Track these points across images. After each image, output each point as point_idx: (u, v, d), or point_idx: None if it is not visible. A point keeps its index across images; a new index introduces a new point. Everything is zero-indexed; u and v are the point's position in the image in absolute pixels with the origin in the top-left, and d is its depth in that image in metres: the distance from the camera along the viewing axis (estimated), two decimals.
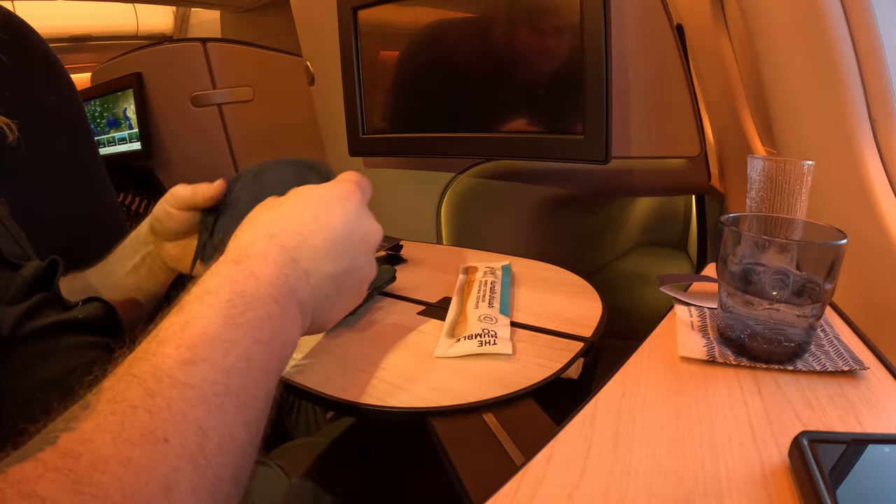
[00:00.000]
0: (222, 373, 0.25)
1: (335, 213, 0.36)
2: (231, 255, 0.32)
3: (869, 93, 0.46)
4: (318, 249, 0.34)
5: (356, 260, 0.37)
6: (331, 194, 0.37)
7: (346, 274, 0.36)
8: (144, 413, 0.22)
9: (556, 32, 0.68)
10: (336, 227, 0.35)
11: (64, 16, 1.90)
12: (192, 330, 0.26)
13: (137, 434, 0.21)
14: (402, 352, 0.45)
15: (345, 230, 0.36)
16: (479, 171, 0.93)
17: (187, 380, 0.24)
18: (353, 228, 0.36)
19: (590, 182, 0.88)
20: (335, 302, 0.36)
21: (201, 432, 0.23)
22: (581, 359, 0.42)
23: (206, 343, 0.26)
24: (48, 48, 0.70)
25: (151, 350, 0.25)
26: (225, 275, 0.30)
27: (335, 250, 0.35)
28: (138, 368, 0.24)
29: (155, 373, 0.24)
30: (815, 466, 0.24)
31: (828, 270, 0.33)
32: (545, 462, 0.28)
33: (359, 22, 0.84)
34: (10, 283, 0.36)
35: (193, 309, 0.27)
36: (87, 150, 0.76)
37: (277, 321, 0.30)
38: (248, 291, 0.29)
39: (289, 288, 0.32)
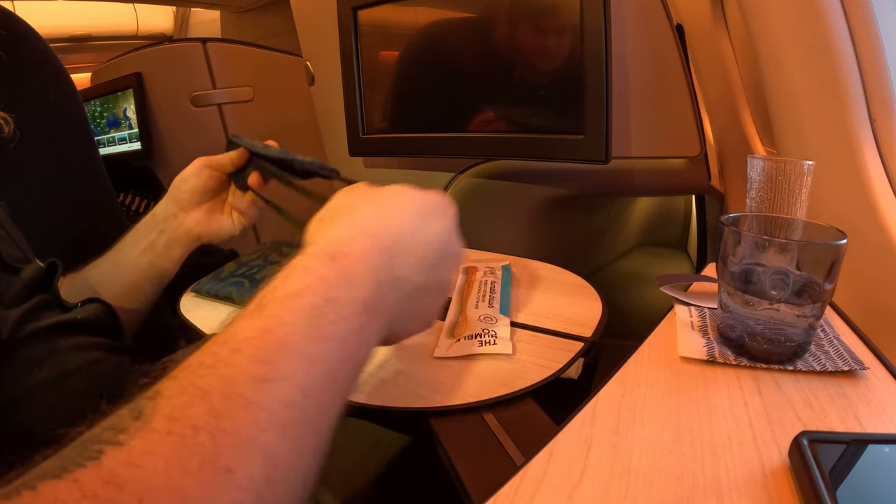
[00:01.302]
0: (301, 394, 0.22)
1: (434, 226, 0.34)
2: (325, 248, 0.29)
3: (869, 93, 0.46)
4: (416, 259, 0.32)
5: (445, 276, 0.35)
6: (433, 203, 0.35)
7: (432, 289, 0.34)
8: (206, 436, 0.19)
9: (556, 32, 0.68)
10: (433, 241, 0.33)
11: (64, 16, 1.90)
12: (272, 339, 0.23)
13: (196, 462, 0.18)
14: (402, 352, 0.45)
15: (440, 246, 0.34)
16: (479, 171, 0.93)
17: (261, 400, 0.21)
18: (446, 247, 0.34)
19: (590, 182, 0.88)
20: (414, 316, 0.34)
21: (270, 462, 0.20)
22: (581, 359, 0.42)
23: (286, 357, 0.23)
24: (48, 48, 0.70)
25: (223, 358, 0.22)
26: (317, 274, 0.27)
27: (430, 262, 0.33)
28: (205, 380, 0.21)
29: (223, 388, 0.21)
30: (815, 466, 0.24)
31: (828, 270, 0.33)
32: (545, 462, 0.28)
33: (359, 22, 0.84)
34: (9, 286, 0.36)
35: (275, 312, 0.24)
36: (87, 150, 0.76)
37: (364, 334, 0.27)
38: (341, 298, 0.26)
39: (381, 295, 0.29)
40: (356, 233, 0.30)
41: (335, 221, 0.31)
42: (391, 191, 0.35)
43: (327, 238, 0.30)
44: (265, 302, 0.25)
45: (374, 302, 0.28)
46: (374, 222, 0.31)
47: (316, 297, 0.25)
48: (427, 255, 0.32)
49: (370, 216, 0.32)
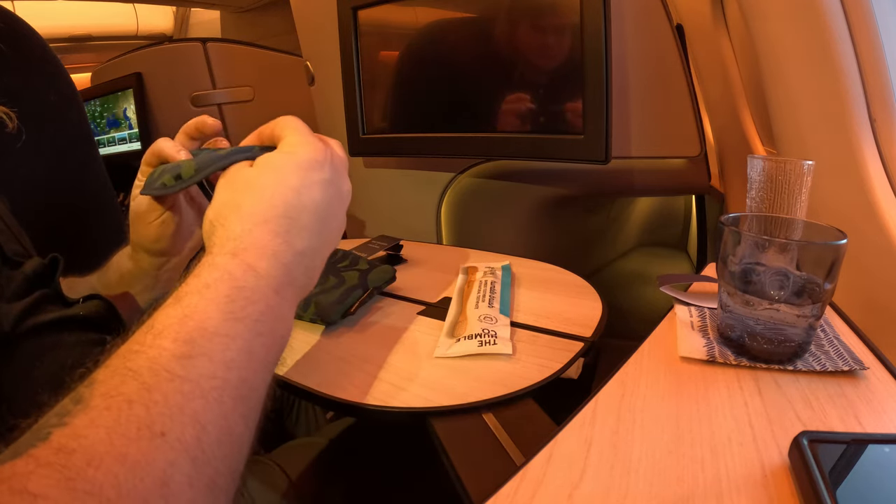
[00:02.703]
0: (221, 367, 0.25)
1: (314, 183, 0.35)
2: (226, 247, 0.31)
3: (869, 93, 0.46)
4: (307, 227, 0.34)
5: (337, 219, 0.37)
6: (305, 162, 0.35)
7: (330, 238, 0.36)
8: (141, 407, 0.21)
9: (556, 32, 0.68)
10: (318, 200, 0.35)
11: (64, 16, 1.90)
12: (190, 324, 0.26)
13: (133, 429, 0.21)
14: (402, 352, 0.45)
15: (326, 200, 0.35)
16: (479, 171, 0.93)
17: (185, 374, 0.23)
18: (332, 196, 0.36)
19: (590, 182, 0.88)
20: (320, 264, 0.36)
21: (199, 426, 0.22)
22: (581, 359, 0.42)
23: (204, 338, 0.25)
24: (48, 48, 0.70)
25: (147, 343, 0.24)
26: (223, 269, 0.29)
27: (321, 223, 0.35)
28: (134, 362, 0.23)
29: (151, 366, 0.23)
30: (815, 466, 0.24)
31: (828, 270, 0.33)
32: (545, 462, 0.28)
33: (359, 22, 0.84)
34: (10, 280, 0.36)
35: (191, 302, 0.27)
36: (87, 150, 0.76)
37: (277, 311, 0.30)
38: (248, 286, 0.29)
39: (288, 276, 0.31)
40: (248, 226, 0.32)
41: (225, 220, 0.32)
42: (264, 168, 0.35)
43: (223, 238, 0.31)
44: (181, 295, 0.28)
45: (284, 283, 0.31)
46: (259, 209, 0.32)
47: (225, 287, 0.28)
48: (315, 217, 0.34)
49: (254, 204, 0.33)
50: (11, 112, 0.50)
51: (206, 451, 0.22)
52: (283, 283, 0.31)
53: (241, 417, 0.25)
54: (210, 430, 0.23)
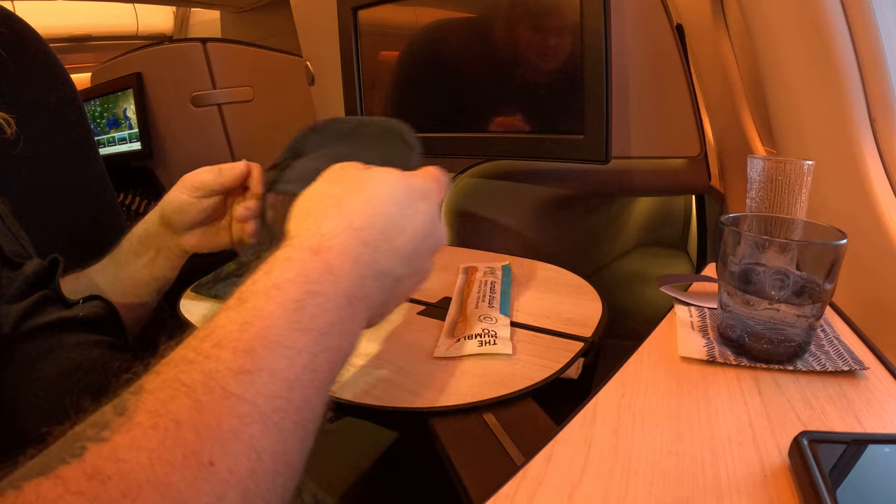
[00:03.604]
0: (284, 385, 0.22)
1: (419, 212, 0.34)
2: (308, 241, 0.28)
3: (869, 93, 0.46)
4: (398, 252, 0.32)
5: (424, 265, 0.35)
6: (417, 189, 0.34)
7: (412, 278, 0.34)
8: (190, 431, 0.19)
9: (556, 32, 0.68)
10: (418, 229, 0.33)
11: (64, 16, 1.90)
12: (252, 331, 0.23)
13: (179, 455, 0.18)
14: (402, 352, 0.45)
15: (424, 233, 0.33)
16: (479, 171, 0.93)
17: (242, 392, 0.21)
18: (430, 232, 0.34)
19: (590, 182, 0.88)
20: (392, 304, 0.34)
21: (255, 455, 0.20)
22: (581, 359, 0.42)
23: (266, 349, 0.22)
24: (48, 48, 0.70)
25: (204, 352, 0.22)
26: (298, 268, 0.26)
27: (412, 253, 0.33)
28: (187, 374, 0.21)
29: (206, 382, 0.21)
30: (815, 466, 0.24)
31: (828, 270, 0.33)
32: (545, 462, 0.28)
33: (359, 22, 0.84)
34: (11, 282, 0.36)
35: (256, 305, 0.24)
36: (87, 151, 0.76)
37: (346, 325, 0.27)
38: (323, 291, 0.26)
39: (364, 290, 0.29)
40: (342, 226, 0.30)
41: (321, 213, 0.31)
42: (380, 176, 0.34)
43: (311, 230, 0.29)
44: (246, 295, 0.25)
45: (358, 296, 0.28)
46: (359, 214, 0.31)
47: (298, 290, 0.25)
48: (409, 245, 0.32)
49: (356, 207, 0.31)
50: (10, 118, 0.50)
51: (259, 484, 0.20)
52: (359, 295, 0.28)
53: (300, 443, 0.22)
54: (266, 460, 0.20)
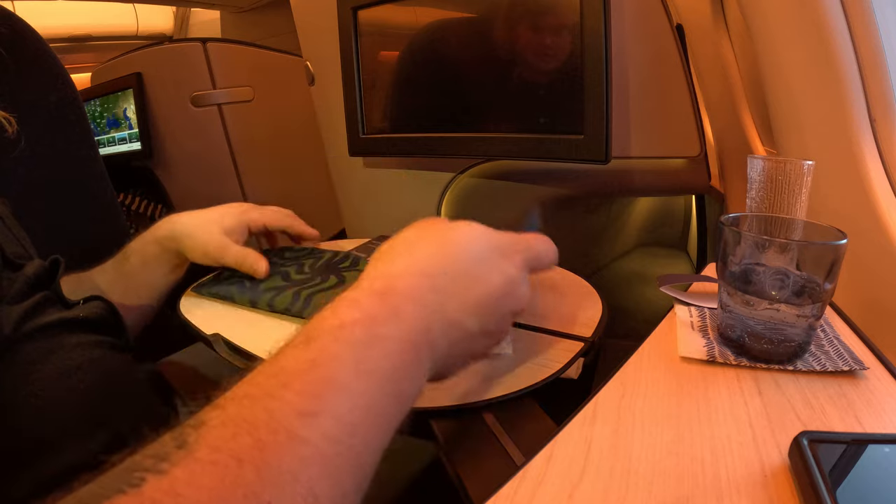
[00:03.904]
0: (346, 429, 0.22)
1: (498, 270, 0.32)
2: (375, 283, 0.28)
3: (869, 93, 0.46)
4: (469, 304, 0.30)
5: (499, 324, 0.33)
6: (501, 246, 0.34)
7: (484, 336, 0.32)
8: (251, 470, 0.19)
9: (556, 32, 0.68)
10: (494, 284, 0.32)
11: (64, 16, 1.90)
12: (319, 373, 0.23)
13: (240, 495, 0.18)
14: None
15: (502, 291, 0.32)
16: (479, 171, 0.93)
17: (306, 435, 0.20)
18: (508, 291, 0.32)
19: (590, 182, 0.88)
20: (463, 360, 0.33)
21: (312, 497, 0.20)
22: (581, 359, 0.42)
23: (333, 392, 0.22)
24: (48, 48, 0.70)
25: (269, 391, 0.22)
26: (365, 309, 0.26)
27: (485, 308, 0.31)
28: (251, 412, 0.21)
29: (269, 421, 0.20)
30: (815, 466, 0.24)
31: (828, 270, 0.33)
32: (545, 462, 0.28)
33: (359, 22, 0.84)
34: (12, 283, 0.36)
35: (323, 346, 0.24)
36: (87, 151, 0.76)
37: (409, 370, 0.26)
38: (389, 335, 0.26)
39: (430, 336, 0.28)
40: (411, 270, 0.29)
41: (393, 256, 0.30)
42: (461, 228, 0.33)
43: (380, 272, 0.29)
44: (314, 334, 0.25)
45: (424, 342, 0.27)
46: (433, 261, 0.30)
47: (364, 331, 0.25)
48: (483, 299, 0.31)
49: (430, 254, 0.31)
50: (11, 117, 0.50)
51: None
52: (423, 340, 0.27)
53: (356, 486, 0.22)
54: (322, 502, 0.20)
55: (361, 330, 0.25)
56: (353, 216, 1.20)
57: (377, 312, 0.26)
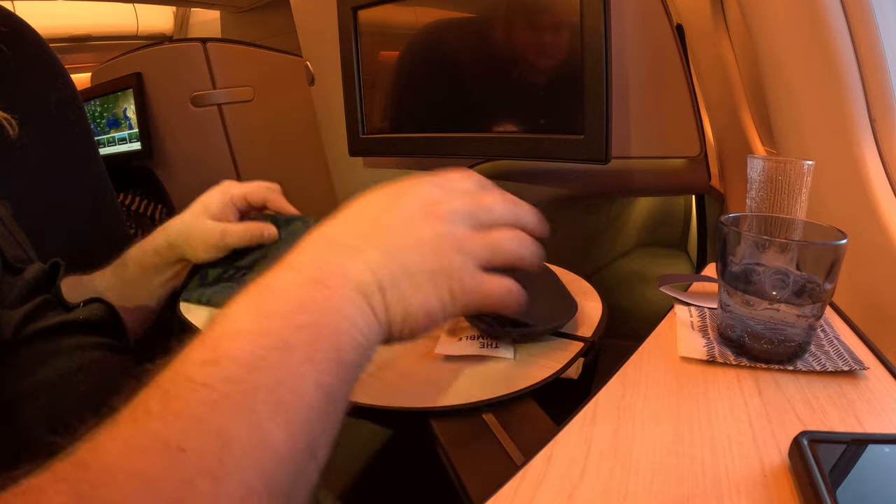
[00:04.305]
0: (248, 369, 0.22)
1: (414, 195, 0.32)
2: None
3: (869, 93, 0.46)
4: (363, 228, 0.30)
5: (427, 229, 0.30)
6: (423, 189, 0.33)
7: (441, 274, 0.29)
8: (158, 420, 0.20)
9: (556, 32, 0.68)
10: (410, 210, 0.31)
11: (64, 16, 1.90)
12: (218, 329, 0.24)
13: (149, 443, 0.19)
14: (402, 351, 0.45)
15: (423, 212, 0.31)
16: (479, 171, 0.93)
17: (207, 380, 0.21)
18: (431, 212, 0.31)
19: (590, 182, 0.88)
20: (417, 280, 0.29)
21: (221, 439, 0.20)
22: (581, 359, 0.42)
23: (229, 338, 0.23)
24: (48, 48, 0.70)
25: (178, 355, 0.23)
26: (257, 280, 0.27)
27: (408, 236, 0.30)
28: (162, 374, 0.22)
29: (175, 377, 0.22)
30: (815, 466, 0.24)
31: (828, 270, 0.33)
32: (545, 462, 0.28)
33: (359, 22, 0.84)
34: (12, 287, 0.37)
35: (223, 311, 0.25)
36: (87, 151, 0.76)
37: (324, 304, 0.25)
38: (283, 281, 0.26)
39: (335, 266, 0.27)
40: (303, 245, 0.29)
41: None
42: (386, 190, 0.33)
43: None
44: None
45: (332, 275, 0.26)
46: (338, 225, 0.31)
47: (256, 288, 0.26)
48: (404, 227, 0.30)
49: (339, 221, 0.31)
50: (12, 118, 0.50)
51: (228, 466, 0.20)
52: (332, 273, 0.27)
53: (283, 425, 0.22)
54: (235, 444, 0.20)
55: (255, 287, 0.26)
56: None
57: (273, 272, 0.27)
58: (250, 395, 0.22)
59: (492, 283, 0.32)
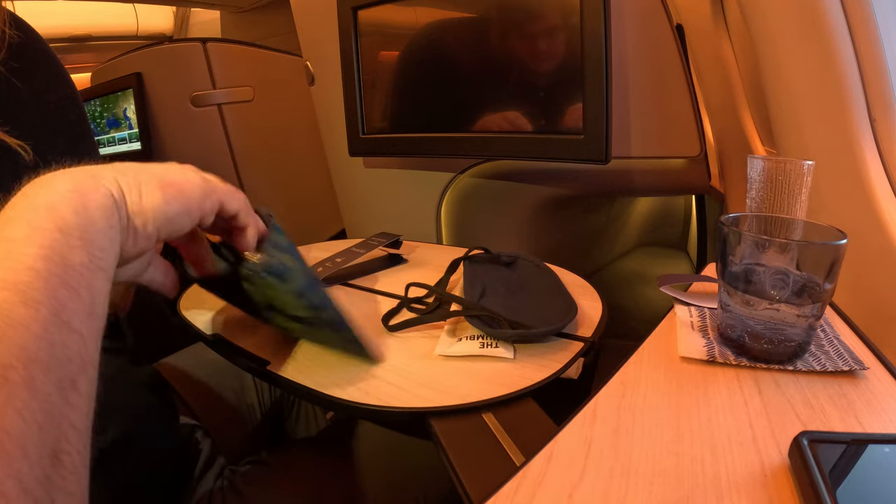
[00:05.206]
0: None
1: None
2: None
3: (869, 93, 0.46)
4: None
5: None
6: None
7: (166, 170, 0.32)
8: None
9: (556, 33, 0.68)
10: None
11: (64, 16, 1.90)
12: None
13: None
14: (402, 352, 0.45)
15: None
16: (479, 171, 0.93)
17: None
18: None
19: (590, 182, 0.88)
20: (153, 172, 0.31)
21: None
22: (581, 359, 0.42)
23: None
24: (48, 48, 0.70)
25: None
26: None
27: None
28: None
29: None
30: (815, 466, 0.24)
31: (828, 270, 0.33)
32: (545, 462, 0.28)
33: (359, 22, 0.84)
34: None
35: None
36: (87, 151, 0.76)
37: (22, 214, 0.24)
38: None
39: (52, 175, 0.27)
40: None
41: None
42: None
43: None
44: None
45: (41, 182, 0.27)
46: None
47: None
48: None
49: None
50: (27, 145, 0.49)
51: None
52: (39, 181, 0.27)
53: (21, 304, 0.21)
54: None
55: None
56: (352, 216, 1.20)
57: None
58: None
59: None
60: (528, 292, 0.53)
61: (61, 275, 0.23)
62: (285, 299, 0.38)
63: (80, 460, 0.21)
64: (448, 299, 0.51)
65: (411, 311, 0.51)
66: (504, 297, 0.51)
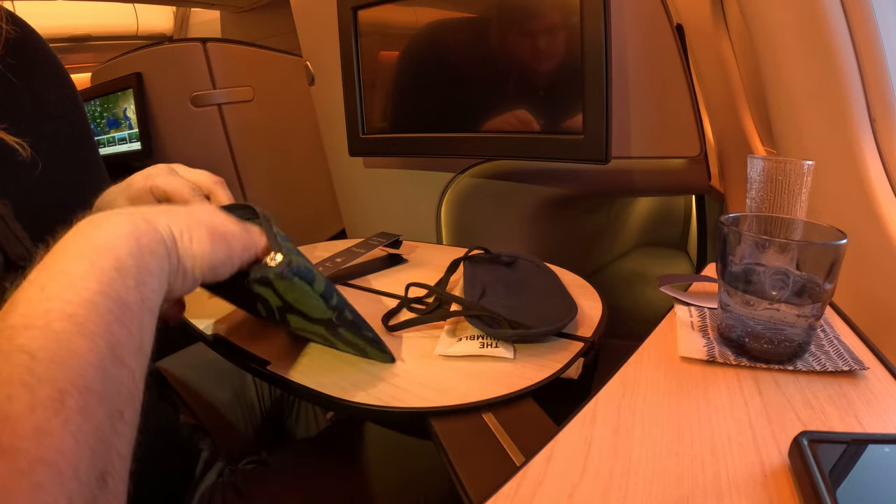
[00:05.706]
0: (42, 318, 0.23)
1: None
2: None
3: (869, 93, 0.46)
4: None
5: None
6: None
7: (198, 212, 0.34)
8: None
9: (556, 33, 0.68)
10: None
11: (64, 16, 1.90)
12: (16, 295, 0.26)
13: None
14: (402, 351, 0.45)
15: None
16: (479, 171, 0.93)
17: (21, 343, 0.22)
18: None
19: (590, 182, 0.88)
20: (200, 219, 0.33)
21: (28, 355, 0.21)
22: (581, 359, 0.42)
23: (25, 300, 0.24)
24: (48, 48, 0.70)
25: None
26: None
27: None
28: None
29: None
30: (815, 466, 0.24)
31: (828, 270, 0.33)
32: (545, 462, 0.28)
33: (359, 22, 0.84)
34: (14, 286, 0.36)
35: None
36: (87, 151, 0.76)
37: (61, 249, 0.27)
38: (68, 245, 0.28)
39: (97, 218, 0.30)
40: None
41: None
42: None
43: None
44: None
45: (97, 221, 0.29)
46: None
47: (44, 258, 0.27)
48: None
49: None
50: (24, 142, 0.50)
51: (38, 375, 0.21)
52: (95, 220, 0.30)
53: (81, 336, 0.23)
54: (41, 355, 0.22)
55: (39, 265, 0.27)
56: (353, 216, 1.20)
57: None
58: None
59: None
60: (528, 292, 0.53)
61: (117, 312, 0.25)
62: (309, 301, 0.38)
63: (122, 485, 0.23)
64: (448, 299, 0.51)
65: (411, 311, 0.51)
66: (504, 297, 0.51)
